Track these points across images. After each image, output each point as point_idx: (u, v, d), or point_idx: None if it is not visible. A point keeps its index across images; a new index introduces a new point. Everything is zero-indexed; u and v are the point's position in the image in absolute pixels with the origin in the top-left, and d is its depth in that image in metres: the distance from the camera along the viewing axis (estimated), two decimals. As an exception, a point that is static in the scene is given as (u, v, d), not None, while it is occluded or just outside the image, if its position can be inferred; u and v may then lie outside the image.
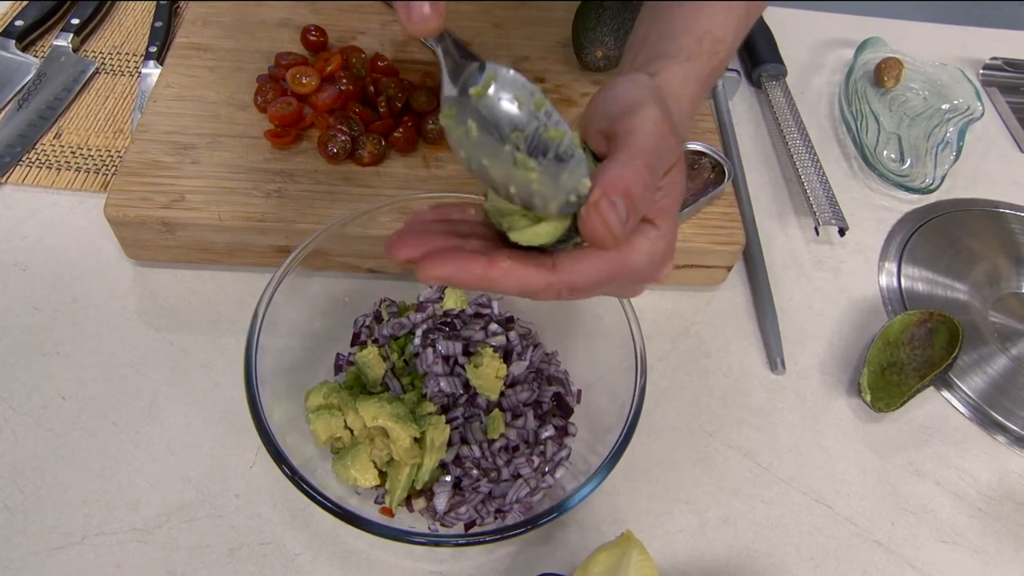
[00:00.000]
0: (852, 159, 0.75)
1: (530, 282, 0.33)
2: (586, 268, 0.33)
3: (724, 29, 0.42)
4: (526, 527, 0.42)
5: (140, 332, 0.55)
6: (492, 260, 0.32)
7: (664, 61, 0.40)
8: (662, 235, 0.34)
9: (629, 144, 0.33)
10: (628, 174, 0.32)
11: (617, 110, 0.35)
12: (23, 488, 0.47)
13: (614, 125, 0.34)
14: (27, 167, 0.62)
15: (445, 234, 0.35)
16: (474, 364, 0.48)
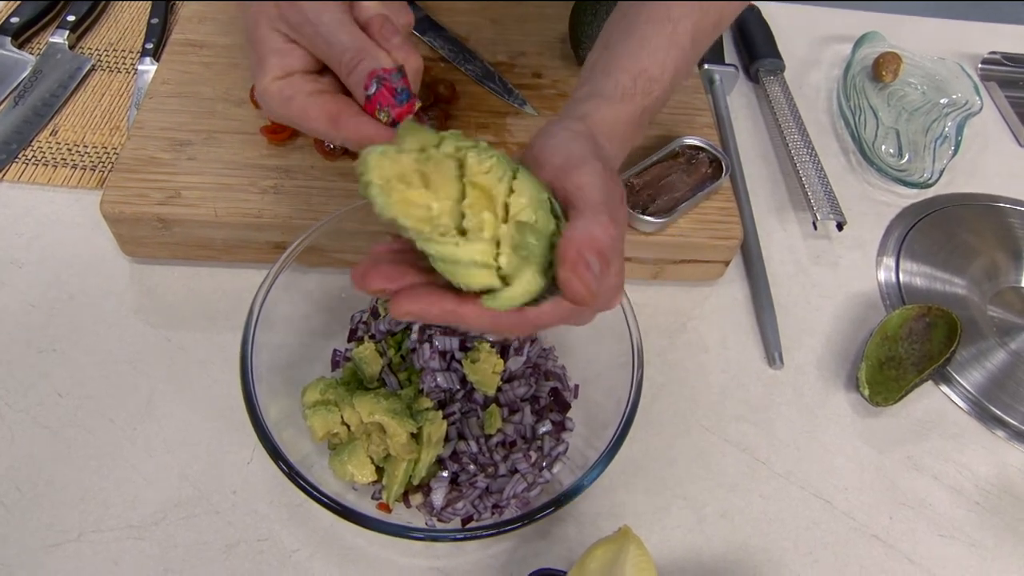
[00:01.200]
0: (850, 154, 0.75)
1: (499, 322, 0.34)
2: (552, 310, 0.35)
3: (662, 67, 0.43)
4: (523, 522, 0.42)
5: (137, 329, 0.55)
6: (462, 299, 0.34)
7: (598, 101, 0.42)
8: (615, 272, 0.36)
9: (587, 200, 0.35)
10: (597, 231, 0.33)
11: (559, 163, 0.37)
12: (19, 486, 0.47)
13: (563, 181, 0.36)
14: (23, 164, 0.62)
15: (413, 266, 0.35)
16: (471, 359, 0.48)
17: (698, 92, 0.69)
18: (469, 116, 0.64)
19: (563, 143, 0.38)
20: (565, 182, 0.36)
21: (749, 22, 0.83)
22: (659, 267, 0.60)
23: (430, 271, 0.34)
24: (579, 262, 0.32)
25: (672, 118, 0.66)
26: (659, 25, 0.44)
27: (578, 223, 0.34)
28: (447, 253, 0.33)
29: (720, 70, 0.77)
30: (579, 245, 0.33)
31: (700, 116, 0.67)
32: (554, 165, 0.37)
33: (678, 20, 0.44)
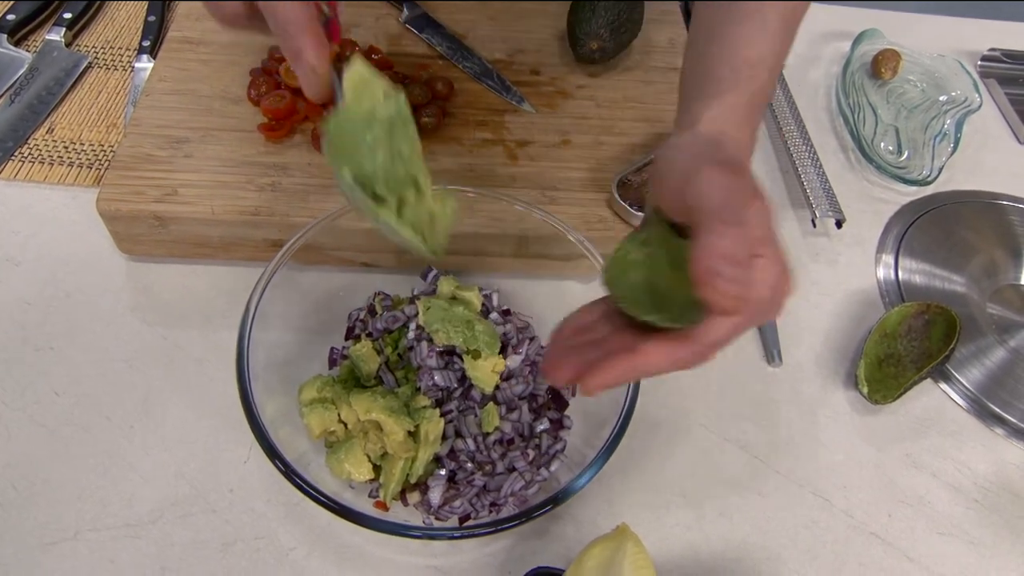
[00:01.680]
0: (849, 151, 0.74)
1: (677, 357, 0.35)
2: (720, 326, 0.35)
3: (758, 50, 0.42)
4: (521, 519, 0.41)
5: (134, 327, 0.55)
6: (636, 352, 0.35)
7: (704, 102, 0.41)
8: (772, 262, 0.34)
9: (702, 213, 0.33)
10: (716, 240, 0.32)
11: (675, 184, 0.36)
12: (16, 484, 0.47)
13: (685, 199, 0.35)
14: (19, 162, 0.62)
15: (588, 344, 0.38)
16: (473, 356, 0.48)
17: (697, 89, 0.69)
18: (466, 113, 0.64)
19: (674, 162, 0.37)
20: (686, 201, 0.35)
21: (748, 19, 0.83)
22: (657, 265, 0.60)
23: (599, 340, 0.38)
24: (710, 277, 0.31)
25: (671, 115, 0.66)
26: (747, 17, 0.43)
27: (699, 241, 0.33)
28: None
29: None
30: (704, 262, 0.32)
31: (699, 113, 0.66)
32: (672, 188, 0.36)
33: (766, 10, 0.42)
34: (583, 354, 0.37)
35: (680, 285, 0.34)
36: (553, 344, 0.40)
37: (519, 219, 0.54)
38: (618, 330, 0.38)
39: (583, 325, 0.40)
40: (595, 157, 0.62)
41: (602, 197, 0.59)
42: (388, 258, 0.57)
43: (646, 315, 0.36)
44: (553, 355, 0.39)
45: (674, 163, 0.37)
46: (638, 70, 0.70)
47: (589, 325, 0.40)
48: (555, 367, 0.37)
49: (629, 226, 0.58)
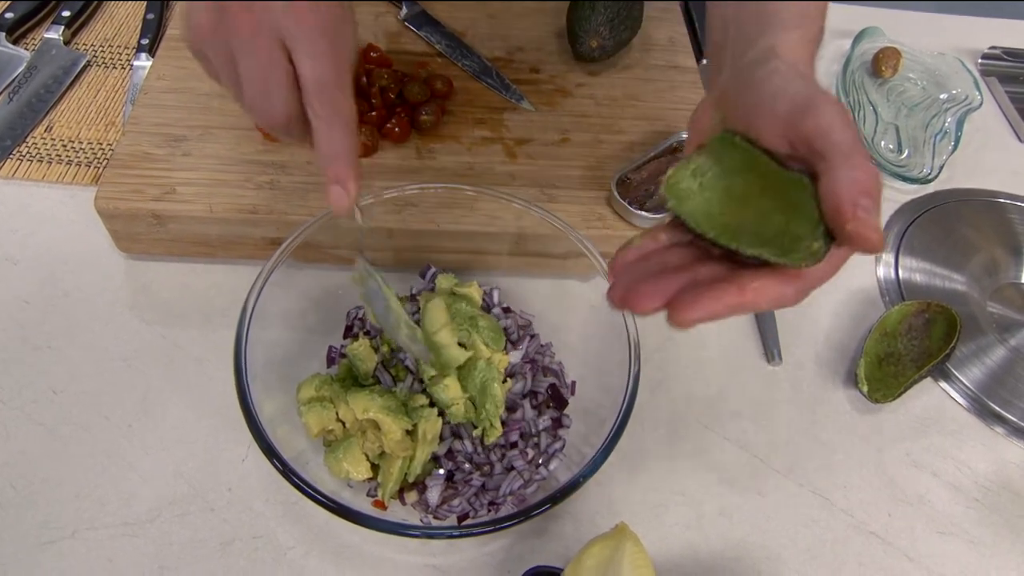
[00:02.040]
0: (850, 149, 0.74)
1: (782, 294, 0.33)
2: (828, 267, 0.34)
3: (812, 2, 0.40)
4: (519, 518, 0.41)
5: (132, 326, 0.55)
6: (742, 286, 0.33)
7: (773, 36, 0.38)
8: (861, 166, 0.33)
9: (836, 145, 0.33)
10: (859, 175, 0.32)
11: (787, 109, 0.34)
12: (14, 483, 0.47)
13: (798, 130, 0.34)
14: (17, 160, 0.62)
15: (669, 271, 0.35)
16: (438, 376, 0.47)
17: (696, 87, 0.69)
18: (466, 112, 0.64)
19: (779, 87, 0.35)
20: (802, 130, 0.33)
21: (748, 17, 0.83)
22: (657, 263, 0.60)
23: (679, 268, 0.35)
24: (857, 211, 0.31)
25: (670, 113, 0.66)
26: None
27: (839, 173, 0.32)
28: None
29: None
30: (851, 195, 0.31)
31: (698, 111, 0.66)
32: (780, 115, 0.34)
33: None
34: (667, 282, 0.34)
35: (776, 214, 0.33)
36: (620, 271, 0.36)
37: (517, 217, 0.54)
38: (700, 260, 0.35)
39: (649, 252, 0.37)
40: (594, 155, 0.62)
41: (601, 195, 0.59)
42: (387, 256, 0.57)
43: (749, 248, 0.33)
44: (631, 282, 0.34)
45: (777, 92, 0.35)
46: (638, 68, 0.70)
47: (656, 253, 0.37)
48: (640, 294, 0.33)
49: (628, 224, 0.57)
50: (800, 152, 0.34)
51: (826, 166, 0.32)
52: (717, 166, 0.36)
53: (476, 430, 0.47)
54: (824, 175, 0.32)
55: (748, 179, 0.36)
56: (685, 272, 0.35)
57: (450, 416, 0.46)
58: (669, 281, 0.34)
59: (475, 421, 0.47)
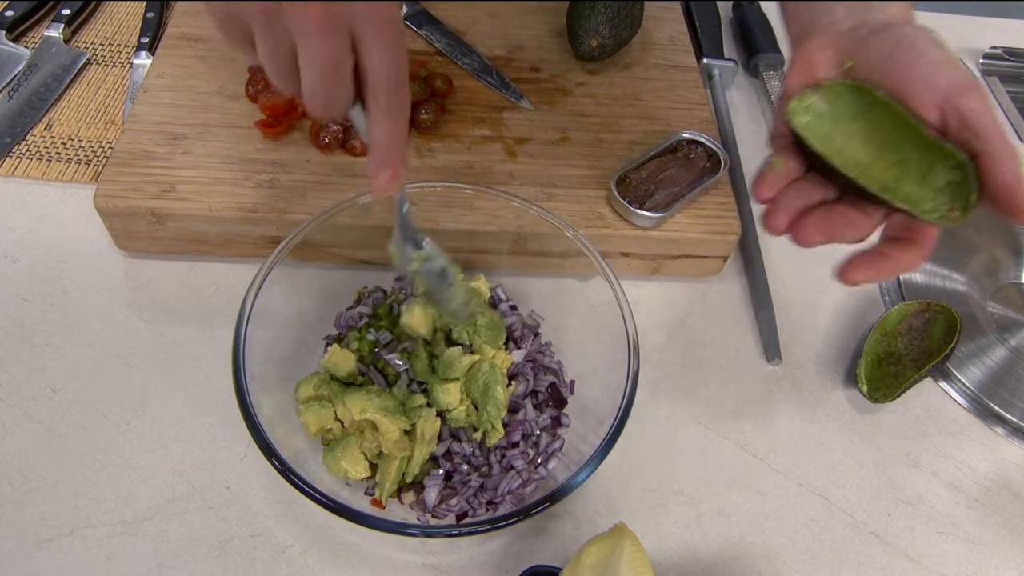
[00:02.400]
0: (850, 149, 0.74)
1: (917, 260, 0.40)
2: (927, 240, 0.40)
3: None
4: (518, 517, 0.41)
5: (131, 324, 0.55)
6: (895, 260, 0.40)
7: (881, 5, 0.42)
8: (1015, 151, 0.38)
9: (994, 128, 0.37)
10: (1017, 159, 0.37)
11: (948, 84, 0.38)
12: (12, 481, 0.47)
13: (959, 106, 0.38)
14: (17, 158, 0.62)
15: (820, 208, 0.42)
16: (439, 379, 0.47)
17: (696, 86, 0.69)
18: (465, 111, 0.63)
19: (937, 61, 0.39)
20: (961, 107, 0.37)
21: (749, 17, 0.83)
22: (657, 263, 0.60)
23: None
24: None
25: (670, 112, 0.66)
26: None
27: (1004, 155, 0.37)
28: None
29: (719, 64, 0.76)
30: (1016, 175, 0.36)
31: (698, 110, 0.66)
32: (940, 88, 0.38)
33: None
34: (827, 221, 0.40)
35: (919, 172, 0.39)
36: (776, 198, 0.41)
37: (517, 216, 0.54)
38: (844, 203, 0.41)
39: (783, 178, 0.42)
40: (594, 154, 0.62)
41: (601, 194, 0.59)
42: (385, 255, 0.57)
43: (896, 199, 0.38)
44: (791, 213, 0.40)
45: (939, 65, 0.38)
46: (638, 67, 0.70)
47: (797, 184, 0.42)
48: (808, 229, 0.39)
49: (628, 223, 0.57)
50: (950, 125, 0.38)
51: (986, 146, 0.37)
52: (856, 113, 0.41)
53: (477, 432, 0.47)
54: (986, 154, 0.37)
55: (894, 133, 0.40)
56: (836, 214, 0.40)
57: (451, 420, 0.46)
58: (828, 221, 0.40)
59: (476, 424, 0.47)
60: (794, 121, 0.41)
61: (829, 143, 0.41)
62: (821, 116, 0.41)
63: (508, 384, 0.48)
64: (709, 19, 0.80)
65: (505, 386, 0.47)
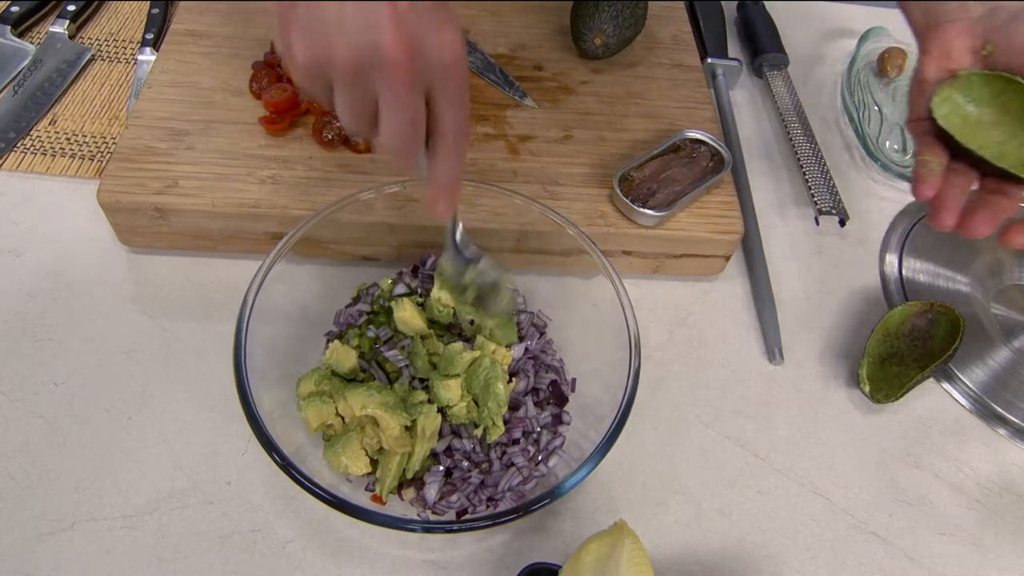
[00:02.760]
0: (854, 149, 0.74)
1: None
2: None
3: None
4: (518, 513, 0.41)
5: (134, 319, 0.55)
6: None
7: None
8: None
9: None
10: None
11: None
12: (13, 474, 0.47)
13: None
14: (22, 153, 0.62)
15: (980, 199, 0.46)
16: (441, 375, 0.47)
17: (700, 85, 0.68)
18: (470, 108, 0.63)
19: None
20: None
21: (753, 17, 0.83)
22: (659, 261, 0.60)
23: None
24: None
25: (674, 111, 0.66)
26: None
27: None
28: None
29: (723, 64, 0.76)
30: None
31: (702, 110, 0.66)
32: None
33: None
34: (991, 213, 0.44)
35: None
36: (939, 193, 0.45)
37: (519, 214, 0.54)
38: (988, 189, 0.45)
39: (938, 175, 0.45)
40: (597, 153, 0.62)
41: (604, 193, 0.59)
42: (388, 251, 0.57)
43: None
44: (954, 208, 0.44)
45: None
46: (641, 66, 0.69)
47: (949, 178, 0.45)
48: (977, 222, 0.44)
49: (631, 222, 0.57)
50: None
51: None
52: (987, 98, 0.46)
53: (477, 429, 0.47)
54: None
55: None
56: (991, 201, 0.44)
57: (451, 417, 0.46)
58: (991, 211, 0.44)
59: (477, 420, 0.47)
60: (936, 114, 0.45)
61: (966, 130, 0.45)
62: (957, 105, 0.45)
63: (509, 381, 0.48)
64: (713, 18, 0.80)
65: (506, 382, 0.47)
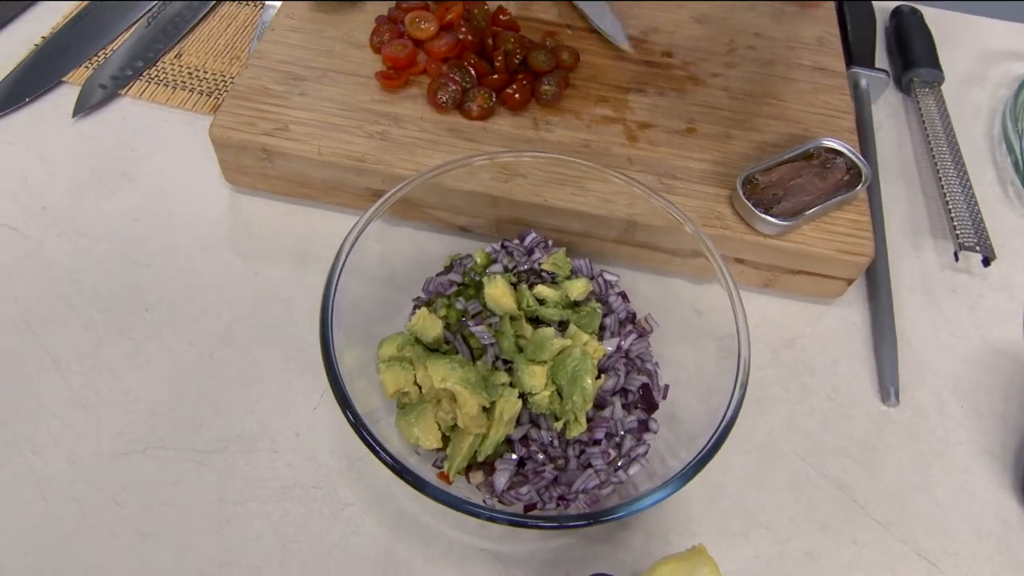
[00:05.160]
0: (1008, 184, 0.66)
1: None
2: None
3: None
4: (588, 520, 0.38)
5: (227, 257, 0.55)
6: None
7: None
8: None
9: None
10: None
11: None
12: (99, 390, 0.48)
13: None
14: (146, 82, 0.63)
15: None
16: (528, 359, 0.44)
17: (843, 93, 0.63)
18: (589, 87, 0.60)
19: None
20: None
21: (909, 27, 0.75)
22: (773, 275, 0.55)
23: None
24: None
25: (810, 116, 0.60)
26: None
27: None
28: None
29: (868, 74, 0.70)
30: None
31: (841, 119, 0.61)
32: None
33: None
34: None
35: None
36: None
37: (629, 204, 0.51)
38: None
39: None
40: (721, 150, 0.57)
41: (723, 193, 0.55)
42: (486, 224, 0.55)
43: None
44: None
45: None
46: (780, 65, 0.64)
47: None
48: None
49: (749, 227, 0.53)
50: None
51: None
52: None
53: (558, 422, 0.44)
54: None
55: None
56: None
57: (532, 405, 0.44)
58: None
59: (559, 413, 0.44)
60: None
61: None
62: None
63: (598, 377, 0.45)
64: (863, 24, 0.74)
65: (595, 378, 0.44)
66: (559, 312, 0.47)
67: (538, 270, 0.50)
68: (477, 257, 0.50)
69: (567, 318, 0.47)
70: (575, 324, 0.46)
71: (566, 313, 0.47)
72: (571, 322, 0.46)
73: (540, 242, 0.51)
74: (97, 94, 0.62)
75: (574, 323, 0.46)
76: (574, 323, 0.46)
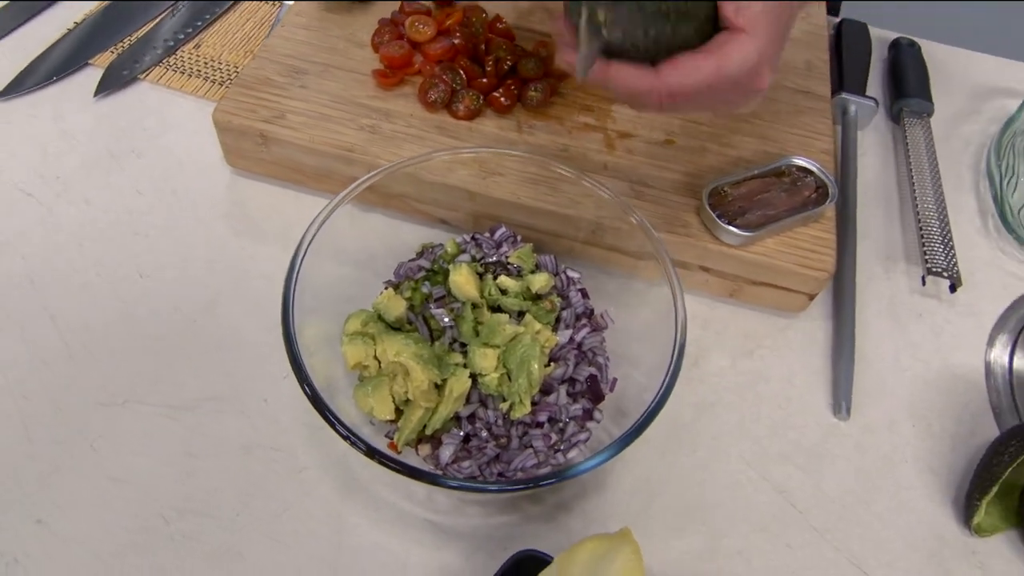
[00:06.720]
0: (988, 216, 0.67)
1: (635, 84, 0.39)
2: (685, 74, 0.39)
3: None
4: (528, 485, 0.41)
5: (221, 233, 0.58)
6: (607, 63, 0.40)
7: None
8: (752, 40, 0.38)
9: None
10: None
11: None
12: (86, 344, 0.52)
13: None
14: (164, 69, 0.68)
15: None
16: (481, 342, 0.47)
17: (824, 117, 0.64)
18: (576, 96, 0.63)
19: None
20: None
21: (905, 58, 0.77)
22: (737, 285, 0.57)
23: None
24: None
25: (788, 136, 0.62)
26: None
27: None
28: None
29: (857, 101, 0.71)
30: None
31: (818, 141, 0.62)
32: None
33: None
34: None
35: None
36: None
37: (599, 206, 0.53)
38: None
39: None
40: (695, 163, 0.59)
41: (692, 203, 0.57)
42: (463, 218, 0.57)
43: None
44: None
45: None
46: (765, 86, 0.66)
47: None
48: None
49: (712, 237, 0.55)
50: None
51: None
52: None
53: (504, 403, 0.46)
54: None
55: None
56: None
57: (481, 385, 0.46)
58: None
59: (506, 394, 0.46)
60: None
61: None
62: None
63: (548, 364, 0.47)
64: (858, 53, 0.75)
65: (543, 365, 0.46)
66: (519, 303, 0.49)
67: (505, 262, 0.52)
68: (448, 246, 0.53)
69: (526, 309, 0.50)
70: (531, 314, 0.49)
71: (526, 304, 0.50)
72: (528, 312, 0.49)
73: (509, 236, 0.54)
74: (119, 77, 0.66)
75: (531, 314, 0.49)
76: (531, 314, 0.49)
